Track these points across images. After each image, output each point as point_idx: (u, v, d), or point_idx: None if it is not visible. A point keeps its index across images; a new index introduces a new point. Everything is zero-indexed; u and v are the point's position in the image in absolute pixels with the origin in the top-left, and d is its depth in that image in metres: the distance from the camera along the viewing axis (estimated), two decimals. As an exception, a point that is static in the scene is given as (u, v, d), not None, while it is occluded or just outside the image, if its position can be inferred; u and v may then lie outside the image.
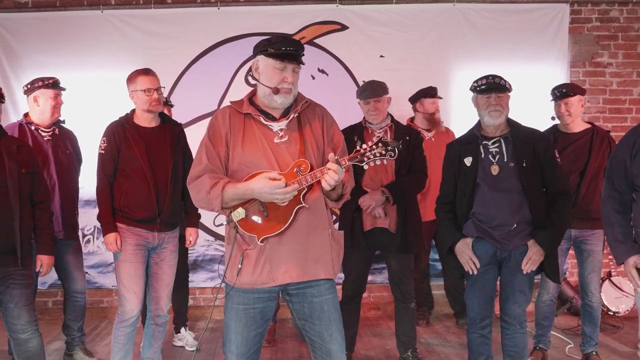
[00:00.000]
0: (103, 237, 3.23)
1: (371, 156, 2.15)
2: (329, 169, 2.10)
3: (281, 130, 2.26)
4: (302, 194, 2.18)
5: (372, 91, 3.55)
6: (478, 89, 2.96)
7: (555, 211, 2.91)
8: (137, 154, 3.15)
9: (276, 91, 2.21)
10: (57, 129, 3.75)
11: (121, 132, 3.21)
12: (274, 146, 2.23)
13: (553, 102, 3.69)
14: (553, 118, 3.74)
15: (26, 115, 3.75)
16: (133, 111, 3.31)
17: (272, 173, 2.13)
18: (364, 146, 2.17)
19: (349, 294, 3.61)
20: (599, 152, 3.57)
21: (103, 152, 3.22)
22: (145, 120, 3.27)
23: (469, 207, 2.96)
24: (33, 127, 3.65)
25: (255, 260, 2.22)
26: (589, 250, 3.63)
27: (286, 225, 2.19)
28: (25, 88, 3.75)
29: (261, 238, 2.19)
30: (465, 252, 2.95)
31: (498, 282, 3.04)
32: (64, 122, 3.86)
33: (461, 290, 4.71)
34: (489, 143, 2.95)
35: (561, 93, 3.63)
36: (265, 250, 2.21)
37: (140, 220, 3.17)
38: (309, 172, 2.16)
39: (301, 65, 2.26)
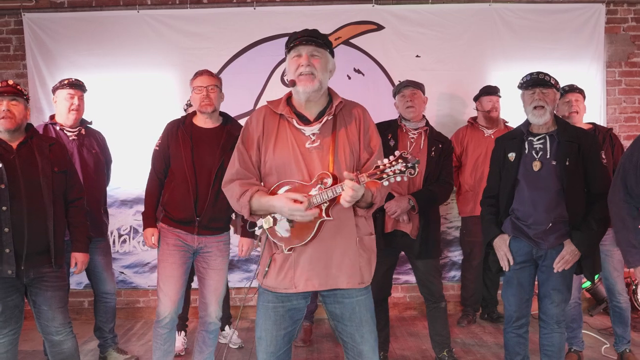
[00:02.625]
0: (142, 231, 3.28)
1: (390, 173, 2.09)
2: (346, 185, 2.07)
3: (313, 134, 2.23)
4: (324, 208, 2.16)
5: (408, 82, 3.57)
6: (524, 85, 2.99)
7: (595, 212, 2.88)
8: (182, 154, 3.13)
9: (293, 83, 2.21)
10: (83, 129, 3.75)
11: (174, 131, 3.20)
12: (305, 151, 2.21)
13: (559, 100, 3.69)
14: (563, 116, 3.72)
15: (52, 116, 3.77)
16: (195, 111, 3.31)
17: (295, 195, 2.12)
18: (385, 161, 2.11)
19: (374, 298, 3.58)
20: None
21: (157, 148, 3.25)
22: (202, 121, 3.24)
23: (509, 202, 2.97)
24: (58, 127, 3.66)
25: (280, 265, 2.22)
26: (606, 251, 3.61)
27: (309, 238, 2.19)
28: (52, 88, 3.80)
29: (288, 247, 2.21)
30: (502, 247, 2.97)
31: (536, 282, 3.04)
32: (90, 123, 3.86)
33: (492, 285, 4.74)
34: (534, 139, 2.96)
35: (570, 87, 3.69)
36: (291, 257, 2.21)
37: (179, 220, 3.15)
38: (331, 186, 2.13)
39: (325, 51, 2.24)
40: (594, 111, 4.75)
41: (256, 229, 2.27)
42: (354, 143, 2.27)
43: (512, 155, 2.97)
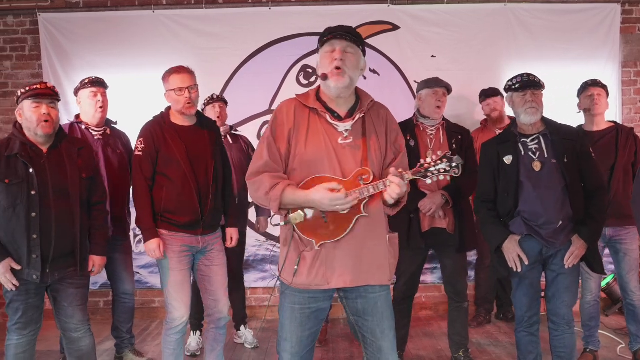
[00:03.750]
0: (144, 244, 3.05)
1: (435, 171, 2.15)
2: (391, 182, 2.09)
3: (346, 130, 2.23)
4: (362, 203, 2.18)
5: (444, 83, 3.59)
6: (513, 87, 3.00)
7: (595, 205, 2.93)
8: (178, 156, 3.01)
9: (324, 77, 2.20)
10: (108, 129, 3.75)
11: (159, 132, 3.06)
12: (338, 147, 2.21)
13: (581, 94, 3.73)
14: (585, 111, 3.73)
15: (77, 115, 3.77)
16: (169, 109, 3.16)
17: (331, 183, 2.11)
18: (428, 160, 2.16)
19: (401, 295, 3.61)
20: (625, 149, 3.58)
21: (141, 153, 3.05)
22: (180, 119, 3.13)
23: (515, 205, 2.96)
24: (83, 127, 3.66)
25: (311, 262, 2.21)
26: (625, 249, 3.62)
27: (345, 233, 2.19)
28: (74, 90, 3.79)
29: (319, 243, 2.19)
30: (514, 249, 2.95)
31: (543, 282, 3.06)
32: (115, 123, 3.86)
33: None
34: (528, 140, 2.97)
35: (593, 82, 3.71)
36: (322, 254, 2.20)
37: (184, 224, 3.04)
38: (371, 182, 2.15)
39: (358, 49, 2.24)
40: (609, 111, 4.72)
41: (281, 224, 2.25)
42: (382, 142, 2.29)
43: (508, 159, 2.97)
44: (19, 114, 2.83)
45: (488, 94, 4.53)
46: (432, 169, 2.15)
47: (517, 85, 2.98)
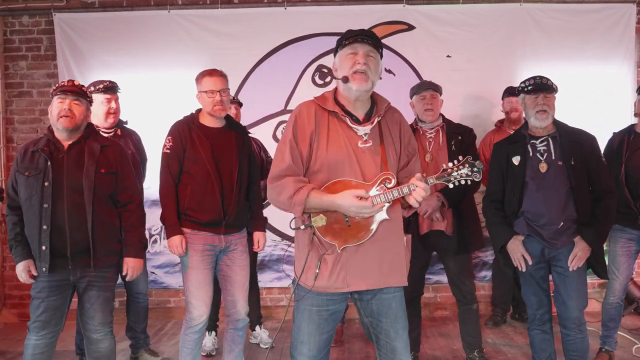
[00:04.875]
0: (167, 240, 3.10)
1: (457, 176, 2.17)
2: (417, 186, 2.11)
3: (365, 134, 2.24)
4: (385, 207, 2.19)
5: (429, 85, 3.56)
6: (526, 89, 3.02)
7: (601, 208, 2.96)
8: (203, 155, 3.05)
9: (346, 80, 2.20)
10: (119, 129, 3.75)
11: (187, 132, 3.11)
12: (358, 150, 2.22)
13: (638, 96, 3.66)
14: (636, 115, 3.69)
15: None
16: (199, 110, 3.22)
17: (360, 191, 2.12)
18: (450, 165, 2.19)
19: (408, 297, 3.59)
20: None
21: (168, 151, 3.11)
22: (210, 121, 3.17)
23: (519, 205, 3.00)
24: None
25: (332, 266, 2.21)
26: None
27: (368, 237, 2.20)
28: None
29: (342, 247, 2.19)
30: (518, 249, 3.00)
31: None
32: (126, 122, 3.86)
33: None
34: (537, 142, 3.00)
35: None
36: (342, 257, 2.21)
37: (206, 223, 3.07)
38: (394, 186, 2.16)
39: (377, 53, 2.25)
40: (624, 111, 4.75)
41: (301, 228, 2.25)
42: (397, 145, 2.31)
43: (516, 159, 3.01)
44: (50, 111, 2.91)
45: (512, 91, 4.52)
46: (454, 173, 2.17)
47: (529, 88, 3.01)
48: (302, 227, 2.24)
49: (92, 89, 3.67)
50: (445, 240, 3.47)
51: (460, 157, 2.20)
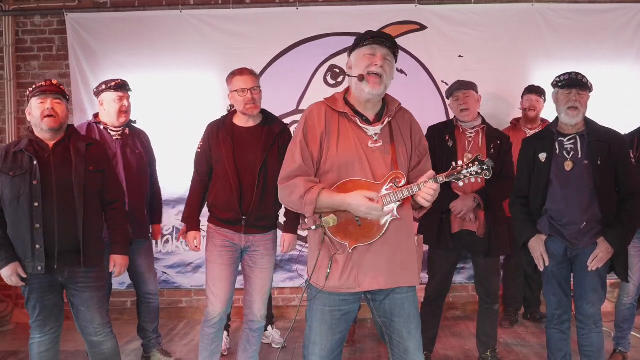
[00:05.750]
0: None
1: (467, 174, 2.18)
2: (426, 185, 2.12)
3: (376, 134, 2.25)
4: (395, 207, 2.20)
5: (460, 84, 3.60)
6: (560, 84, 2.99)
7: (627, 210, 2.91)
8: (224, 155, 3.10)
9: (361, 78, 2.21)
10: (127, 129, 3.73)
11: (215, 132, 3.18)
12: (368, 150, 2.23)
13: None
14: None
15: (96, 115, 3.75)
16: (234, 111, 3.25)
17: (371, 193, 2.13)
18: (460, 163, 2.20)
19: (433, 295, 3.62)
20: None
21: (199, 150, 3.24)
22: (242, 120, 3.20)
23: (542, 203, 2.98)
24: (102, 127, 3.64)
25: (343, 265, 2.22)
26: None
27: (379, 237, 2.20)
28: (94, 90, 3.77)
29: (353, 246, 2.20)
30: (538, 248, 2.99)
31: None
32: (135, 122, 3.85)
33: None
34: (565, 140, 2.97)
35: None
36: (353, 257, 2.21)
37: (226, 220, 3.13)
38: (404, 185, 2.17)
39: (394, 58, 2.27)
40: (636, 112, 4.75)
41: (313, 228, 2.25)
42: (408, 146, 2.32)
43: (543, 156, 2.98)
44: (28, 112, 2.90)
45: (532, 90, 4.53)
46: (464, 171, 2.18)
47: (563, 82, 2.97)
48: (313, 227, 2.24)
49: (104, 87, 3.66)
50: (477, 242, 3.48)
51: (469, 155, 2.21)
